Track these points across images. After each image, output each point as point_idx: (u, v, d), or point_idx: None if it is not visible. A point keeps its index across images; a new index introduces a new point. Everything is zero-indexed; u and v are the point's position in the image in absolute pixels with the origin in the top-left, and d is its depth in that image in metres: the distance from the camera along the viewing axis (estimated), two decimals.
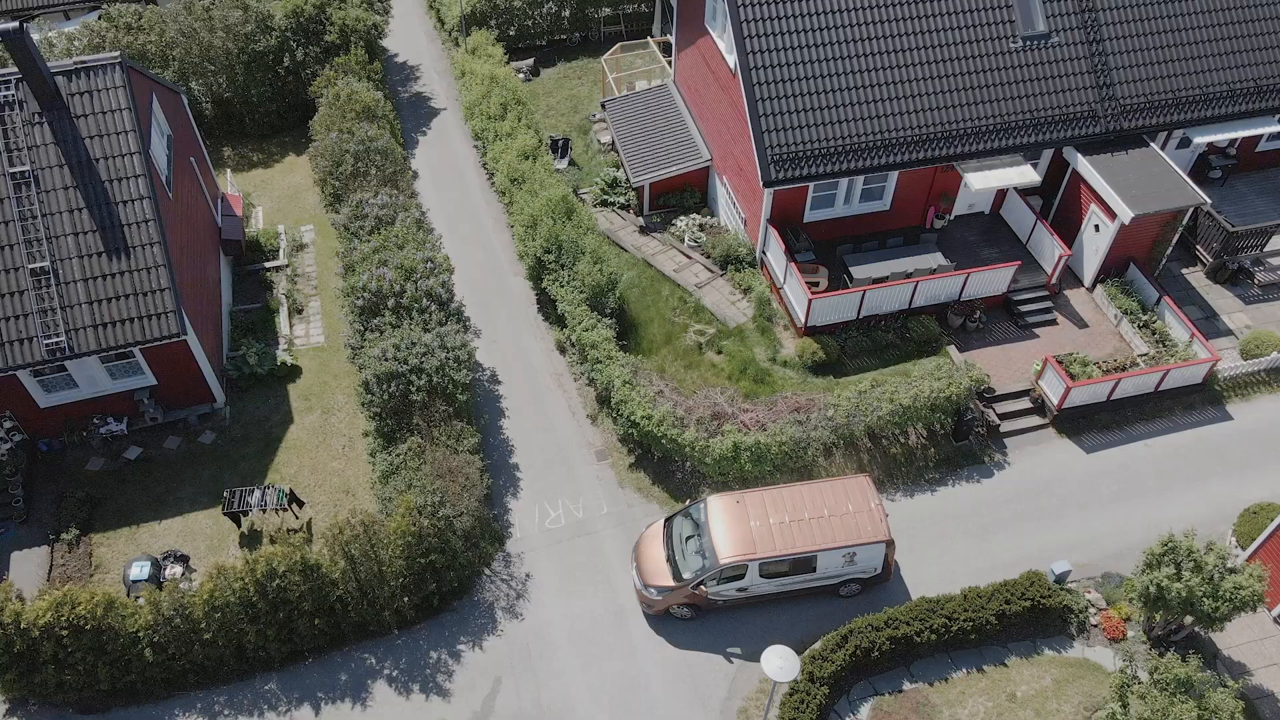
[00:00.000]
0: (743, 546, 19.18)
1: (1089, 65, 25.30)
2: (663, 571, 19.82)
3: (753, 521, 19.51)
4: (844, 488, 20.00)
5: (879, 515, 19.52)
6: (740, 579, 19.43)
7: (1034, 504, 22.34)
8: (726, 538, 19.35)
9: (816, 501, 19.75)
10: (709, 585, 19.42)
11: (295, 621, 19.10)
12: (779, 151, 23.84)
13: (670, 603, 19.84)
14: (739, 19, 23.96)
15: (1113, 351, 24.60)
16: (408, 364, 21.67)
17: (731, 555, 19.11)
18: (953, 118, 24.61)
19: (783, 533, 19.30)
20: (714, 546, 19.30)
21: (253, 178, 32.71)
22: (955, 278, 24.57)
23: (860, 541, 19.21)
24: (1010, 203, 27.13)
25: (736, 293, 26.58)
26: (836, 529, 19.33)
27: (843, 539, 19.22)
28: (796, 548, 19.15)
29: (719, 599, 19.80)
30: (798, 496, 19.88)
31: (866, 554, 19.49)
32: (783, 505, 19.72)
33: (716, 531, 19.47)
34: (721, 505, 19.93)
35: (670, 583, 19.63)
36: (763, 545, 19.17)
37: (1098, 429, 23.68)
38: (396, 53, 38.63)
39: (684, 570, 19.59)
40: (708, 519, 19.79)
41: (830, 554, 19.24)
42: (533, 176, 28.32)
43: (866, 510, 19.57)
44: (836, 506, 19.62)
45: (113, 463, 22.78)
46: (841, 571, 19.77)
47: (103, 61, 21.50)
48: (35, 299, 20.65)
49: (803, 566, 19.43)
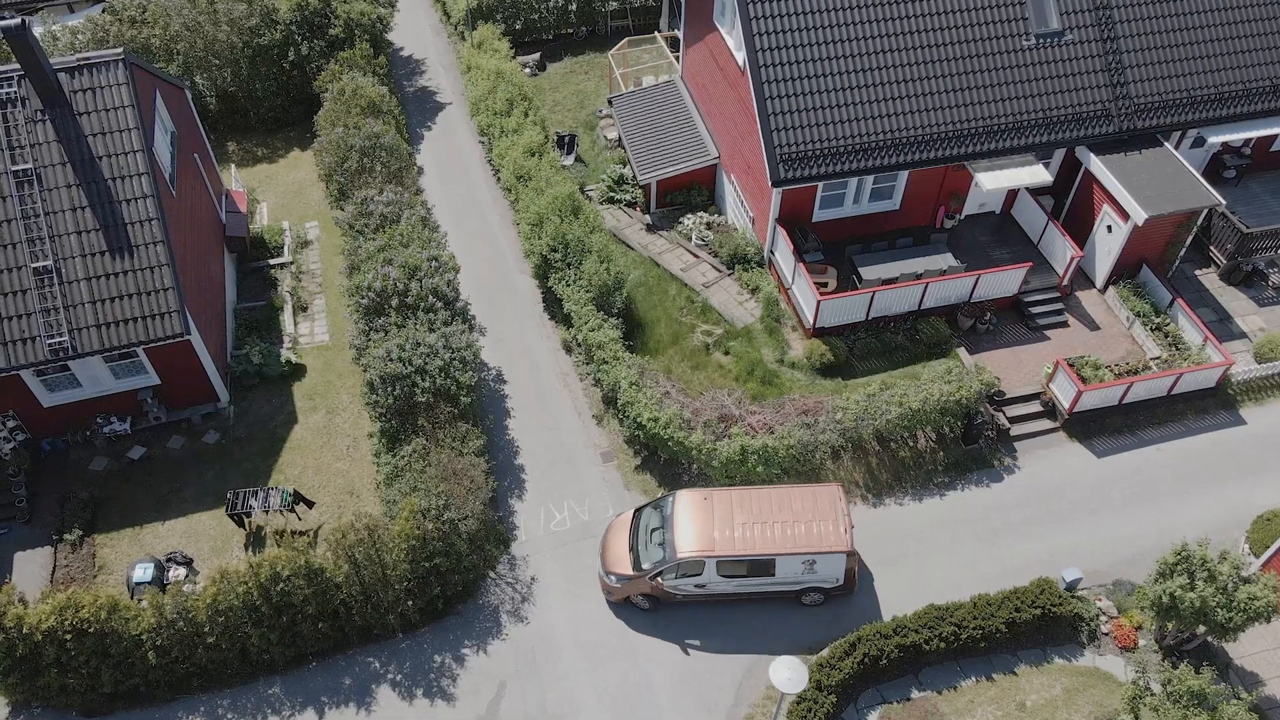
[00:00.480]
0: (702, 543, 19.26)
1: (1103, 64, 24.94)
2: (624, 560, 20.02)
3: (716, 519, 19.58)
4: (814, 495, 19.88)
5: (843, 526, 19.36)
6: (698, 575, 19.47)
7: (1044, 509, 22.11)
8: (687, 533, 19.47)
9: (783, 506, 19.68)
10: (666, 578, 19.54)
11: (299, 625, 18.99)
12: (788, 150, 23.56)
13: (629, 592, 19.97)
14: (748, 15, 23.64)
15: (1125, 354, 24.32)
16: (412, 365, 21.48)
17: (690, 550, 19.20)
18: (964, 116, 24.29)
19: (744, 533, 19.31)
20: (674, 540, 19.44)
21: (257, 173, 32.51)
22: (965, 279, 24.29)
23: (820, 550, 19.07)
24: (1021, 202, 26.82)
25: (744, 292, 26.34)
26: (798, 535, 19.23)
27: (803, 545, 19.12)
28: (755, 549, 19.13)
29: (676, 593, 19.88)
30: (765, 499, 19.86)
31: (826, 563, 19.32)
32: (749, 506, 19.73)
33: (679, 526, 19.61)
34: (689, 501, 20.04)
35: (629, 571, 19.80)
36: (722, 543, 19.21)
37: (1109, 433, 23.43)
38: (402, 46, 38.35)
39: (644, 560, 19.77)
40: (673, 513, 19.95)
41: (789, 559, 19.15)
42: (539, 174, 28.08)
43: (832, 519, 19.43)
44: (802, 513, 19.52)
45: (116, 462, 22.66)
46: (801, 578, 19.64)
47: (106, 58, 21.28)
48: (38, 298, 20.49)
49: (761, 569, 19.36)
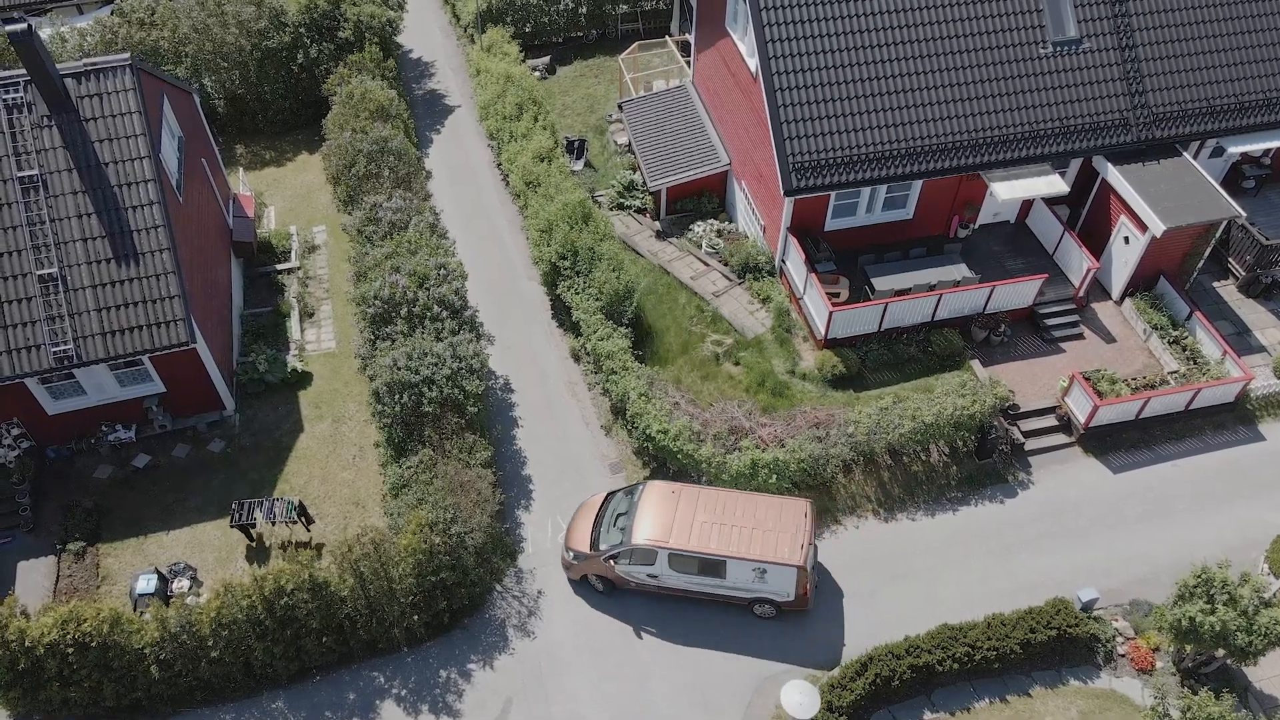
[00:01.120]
0: (658, 533, 19.40)
1: (1121, 72, 24.57)
2: (585, 538, 20.39)
3: (678, 513, 19.68)
4: (780, 506, 19.76)
5: (801, 541, 19.11)
6: (651, 565, 19.61)
7: (1059, 525, 21.78)
8: (647, 521, 19.65)
9: (747, 512, 19.65)
10: (620, 562, 19.78)
11: (303, 639, 18.78)
12: (801, 159, 23.25)
13: (585, 570, 20.32)
14: (761, 22, 23.34)
15: (1141, 368, 23.96)
16: (419, 374, 21.25)
17: (645, 539, 19.37)
18: (980, 125, 23.95)
19: (701, 531, 19.36)
20: (633, 526, 19.66)
21: (265, 176, 32.33)
22: (980, 291, 23.96)
23: (771, 560, 18.91)
24: (1037, 212, 26.47)
25: (755, 302, 26.04)
26: (753, 542, 19.15)
27: (755, 553, 19.01)
28: (708, 548, 19.14)
29: (630, 579, 20.10)
30: (731, 502, 19.89)
31: (777, 575, 19.14)
32: (714, 506, 19.78)
33: (641, 513, 19.84)
34: (657, 491, 20.26)
35: (587, 550, 20.16)
36: (678, 537, 19.30)
37: (1125, 448, 23.08)
38: (411, 48, 38.13)
39: (602, 541, 20.11)
40: (639, 500, 20.18)
41: (740, 564, 19.07)
42: (548, 179, 27.82)
43: (790, 532, 19.25)
44: (763, 521, 19.43)
45: (121, 471, 22.49)
46: (752, 587, 19.52)
47: (113, 63, 21.10)
48: (43, 305, 20.33)
49: (712, 569, 19.35)
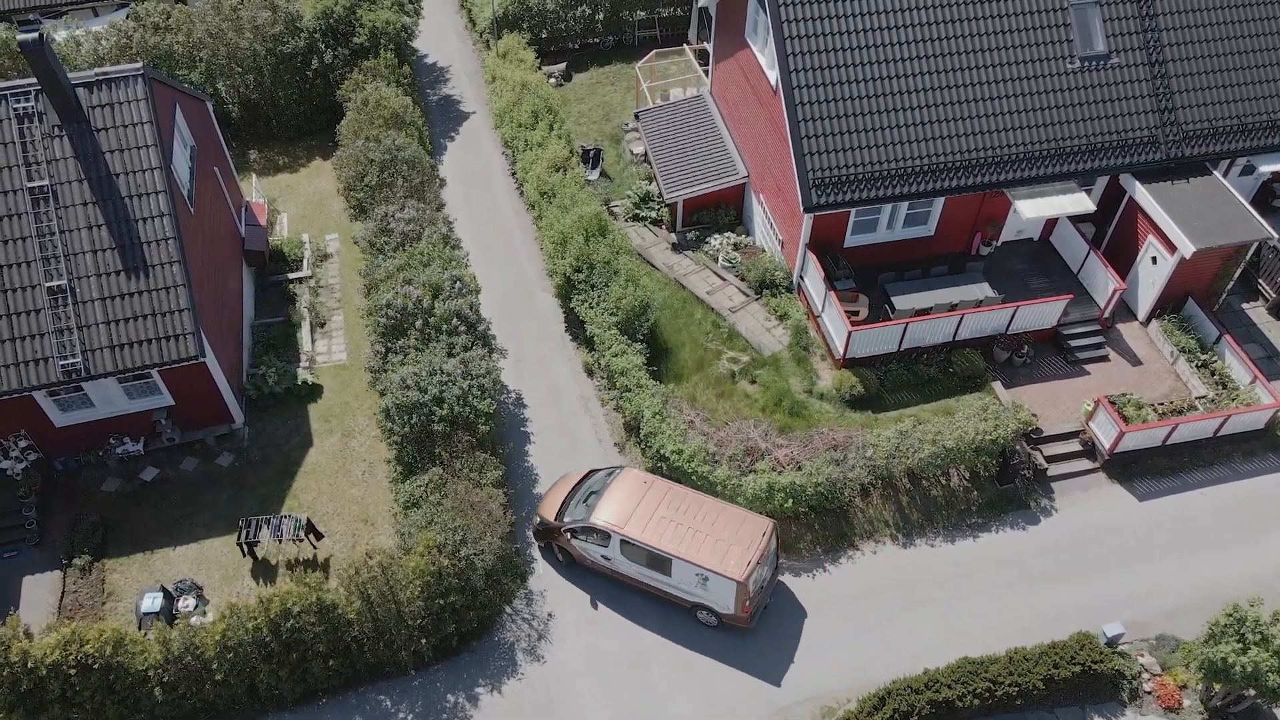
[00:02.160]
0: (617, 518, 19.75)
1: (1150, 88, 24.01)
2: (554, 508, 20.96)
3: (642, 504, 19.96)
4: (742, 520, 19.69)
5: (749, 557, 18.93)
6: (605, 547, 20.04)
7: (1083, 554, 21.25)
8: (609, 505, 20.05)
9: (708, 518, 19.69)
10: (578, 537, 20.29)
11: (309, 662, 18.46)
12: (821, 175, 22.79)
13: (546, 538, 20.98)
14: (782, 35, 22.89)
15: (1168, 392, 23.38)
16: (428, 393, 20.90)
17: (603, 520, 19.81)
18: (1005, 142, 23.43)
19: (657, 525, 19.56)
20: (596, 506, 20.12)
21: (278, 182, 32.08)
22: (1002, 311, 23.44)
23: (714, 569, 18.86)
24: (1061, 230, 25.92)
25: (772, 319, 25.58)
26: (702, 547, 19.18)
27: (700, 558, 19.02)
28: (658, 543, 19.32)
29: (585, 556, 20.63)
30: (696, 505, 19.97)
31: (718, 585, 19.07)
32: (679, 505, 19.95)
33: (607, 496, 20.27)
34: (629, 479, 20.65)
35: (551, 519, 20.71)
36: (633, 526, 19.57)
37: (1151, 475, 22.52)
38: (426, 53, 37.84)
39: (567, 514, 20.65)
40: (611, 483, 20.61)
41: (684, 566, 19.18)
42: (563, 190, 27.45)
43: (742, 546, 19.12)
44: (719, 530, 19.44)
45: (128, 484, 22.24)
46: (694, 591, 19.58)
47: (124, 73, 20.83)
48: (51, 318, 20.08)
49: (658, 565, 19.56)
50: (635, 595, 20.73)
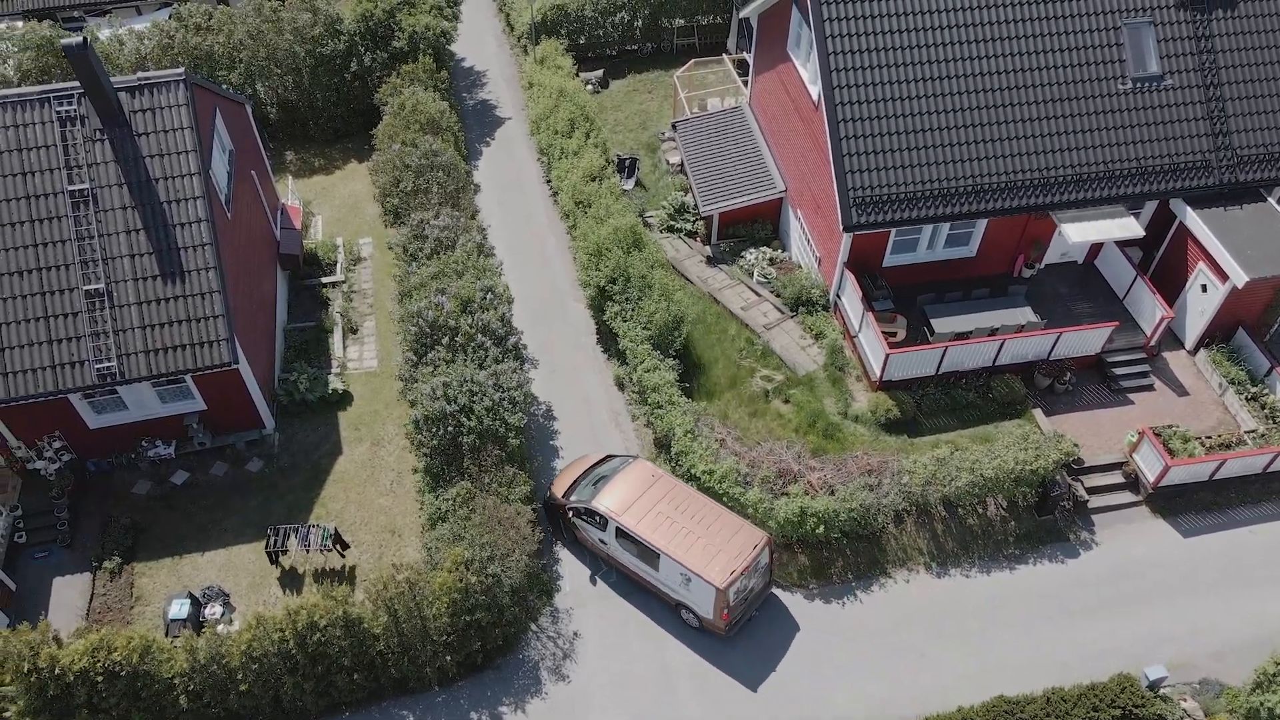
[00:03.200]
0: (617, 505, 20.11)
1: (1204, 111, 23.38)
2: (565, 484, 21.61)
3: (645, 496, 20.21)
4: (738, 528, 19.70)
5: (734, 566, 18.89)
6: (603, 531, 20.44)
7: (1124, 590, 20.67)
8: (613, 491, 20.43)
9: (705, 521, 19.76)
10: (580, 517, 20.83)
11: (334, 675, 18.35)
12: (862, 194, 22.38)
13: (553, 507, 21.60)
14: (826, 50, 22.51)
15: (1215, 424, 22.72)
16: (458, 404, 20.74)
17: (604, 504, 20.22)
18: (1052, 163, 22.91)
19: (654, 519, 19.76)
20: (600, 491, 20.53)
21: (314, 184, 32.13)
22: (1045, 336, 22.90)
23: (697, 572, 18.93)
24: (1107, 253, 25.30)
25: (807, 337, 25.19)
26: (692, 548, 19.27)
27: (686, 559, 19.13)
28: (650, 537, 19.54)
29: (586, 538, 21.14)
30: (697, 507, 20.07)
31: (698, 589, 19.15)
32: (680, 504, 20.07)
33: (614, 482, 20.65)
34: (639, 470, 21.03)
35: (559, 495, 21.34)
36: (630, 516, 19.87)
37: (1196, 510, 21.89)
38: (464, 57, 37.77)
39: (574, 494, 21.12)
40: (621, 471, 21.02)
41: (670, 563, 19.35)
42: (599, 200, 27.22)
43: (731, 555, 19.09)
44: (713, 534, 19.47)
45: (159, 487, 22.28)
46: (678, 590, 19.68)
47: (166, 78, 20.86)
48: (88, 321, 20.14)
49: (648, 558, 19.79)
50: (664, 617, 20.45)
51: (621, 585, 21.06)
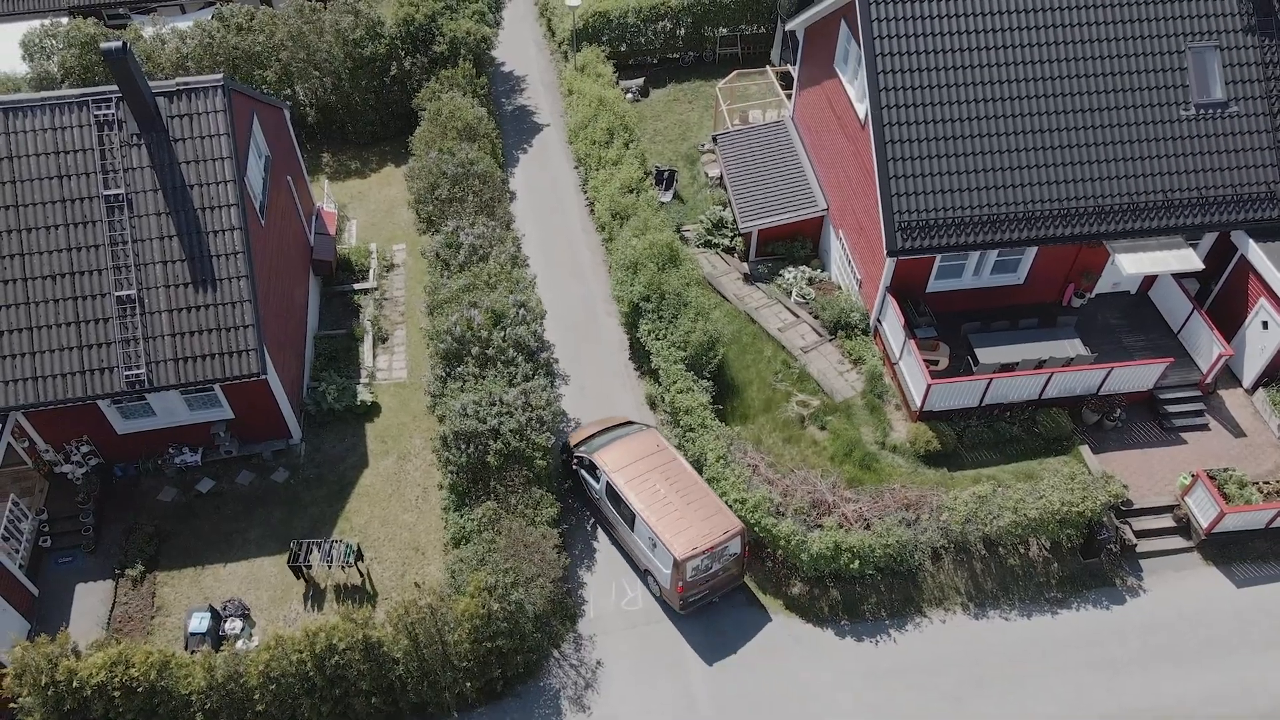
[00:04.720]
0: (615, 463, 20.94)
1: (1270, 140, 22.37)
2: (580, 437, 22.55)
3: (642, 461, 20.98)
4: (716, 510, 20.04)
5: (697, 544, 19.29)
6: (596, 483, 21.44)
7: (1172, 641, 19.80)
8: (615, 450, 21.31)
9: (689, 498, 20.19)
10: (582, 466, 21.85)
11: (352, 699, 18.01)
12: (908, 218, 21.67)
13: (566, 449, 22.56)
14: (875, 68, 21.83)
15: (1274, 468, 21.73)
16: (486, 424, 20.33)
17: (602, 460, 21.12)
18: (1107, 191, 22.04)
19: (642, 482, 20.49)
20: (605, 448, 21.44)
21: (349, 187, 31.95)
22: (1095, 371, 22.02)
23: (662, 538, 19.49)
24: (1162, 284, 24.35)
25: (845, 362, 24.49)
26: (665, 516, 19.80)
27: (659, 526, 19.65)
28: (631, 495, 20.23)
29: (585, 482, 22.02)
30: (687, 484, 20.53)
31: (661, 556, 19.73)
32: (671, 477, 20.63)
33: (620, 443, 21.57)
34: (646, 437, 21.80)
35: (574, 444, 22.38)
36: (623, 475, 20.67)
37: (1252, 559, 20.94)
38: (503, 62, 37.43)
39: (585, 446, 22.04)
40: (632, 433, 22.10)
41: (643, 525, 20.00)
42: (636, 213, 26.69)
43: (700, 533, 19.51)
44: (692, 512, 19.90)
45: (184, 494, 22.12)
46: (647, 555, 20.32)
47: (205, 84, 20.65)
48: (119, 327, 19.98)
49: (627, 516, 20.50)
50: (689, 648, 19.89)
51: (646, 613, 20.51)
